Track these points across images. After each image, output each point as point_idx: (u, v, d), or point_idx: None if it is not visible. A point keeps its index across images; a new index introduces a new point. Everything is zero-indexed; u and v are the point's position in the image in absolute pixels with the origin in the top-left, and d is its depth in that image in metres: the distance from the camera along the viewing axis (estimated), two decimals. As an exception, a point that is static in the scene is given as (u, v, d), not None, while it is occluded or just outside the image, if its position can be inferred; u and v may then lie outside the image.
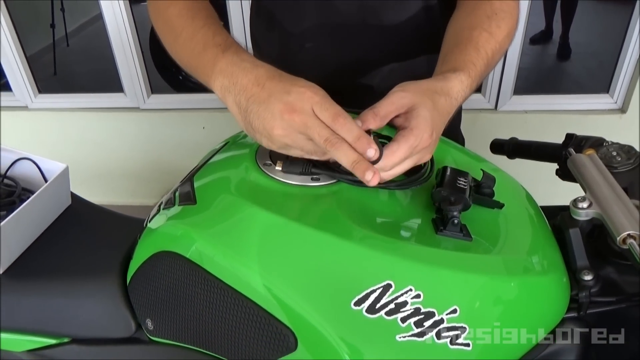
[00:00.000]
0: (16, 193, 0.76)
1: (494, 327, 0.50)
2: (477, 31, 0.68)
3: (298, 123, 0.52)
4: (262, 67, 0.57)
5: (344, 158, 0.51)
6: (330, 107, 0.52)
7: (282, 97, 0.52)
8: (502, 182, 0.62)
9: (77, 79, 3.35)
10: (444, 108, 0.59)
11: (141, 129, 2.26)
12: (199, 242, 0.56)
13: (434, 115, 0.56)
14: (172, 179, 2.36)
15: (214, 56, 0.60)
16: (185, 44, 0.66)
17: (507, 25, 0.70)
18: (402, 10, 0.82)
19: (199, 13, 0.68)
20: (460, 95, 0.61)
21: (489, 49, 0.67)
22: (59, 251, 0.74)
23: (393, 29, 0.84)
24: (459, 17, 0.74)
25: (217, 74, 0.59)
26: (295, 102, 0.52)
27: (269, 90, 0.54)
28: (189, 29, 0.66)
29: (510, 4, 0.72)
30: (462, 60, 0.64)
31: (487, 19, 0.69)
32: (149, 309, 0.65)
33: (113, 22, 2.02)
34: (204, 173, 0.66)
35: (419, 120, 0.54)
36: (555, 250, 0.59)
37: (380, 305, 0.48)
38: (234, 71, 0.57)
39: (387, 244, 0.51)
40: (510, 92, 2.02)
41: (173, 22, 0.69)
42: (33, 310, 0.70)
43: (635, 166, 0.64)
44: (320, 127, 0.51)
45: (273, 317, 0.51)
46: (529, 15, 1.86)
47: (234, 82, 0.57)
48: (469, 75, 0.63)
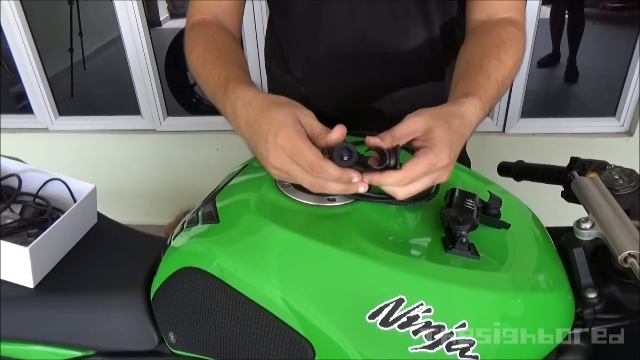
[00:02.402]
0: (47, 212, 0.80)
1: (501, 341, 0.53)
2: (486, 59, 0.71)
3: (282, 169, 0.57)
4: (251, 106, 0.61)
5: (335, 191, 0.57)
6: (303, 155, 0.55)
7: (263, 145, 0.58)
8: (508, 203, 0.65)
9: (93, 101, 3.44)
10: (460, 130, 0.61)
11: (157, 150, 2.32)
12: (222, 258, 0.60)
13: (450, 136, 0.59)
14: (186, 199, 2.41)
15: (221, 100, 0.67)
16: (205, 87, 0.73)
17: (514, 53, 0.74)
18: (406, 43, 0.87)
19: (210, 55, 0.75)
20: (474, 117, 0.64)
21: (499, 75, 0.70)
22: (86, 267, 0.78)
23: (397, 59, 0.88)
24: (469, 46, 0.78)
25: (227, 116, 0.66)
26: (273, 154, 0.57)
27: (256, 134, 0.59)
28: (204, 74, 0.73)
29: (517, 34, 0.76)
30: (473, 86, 0.67)
31: (495, 48, 0.73)
32: (171, 322, 0.68)
33: (132, 46, 2.09)
34: (225, 194, 0.70)
35: (437, 140, 0.57)
36: (561, 269, 0.61)
37: (393, 319, 0.51)
38: (232, 113, 0.64)
39: (399, 261, 0.54)
40: (517, 115, 2.05)
41: (194, 67, 0.76)
42: (61, 323, 0.73)
43: (636, 189, 0.66)
44: (303, 173, 0.56)
45: (292, 329, 0.54)
46: (536, 39, 1.90)
47: (238, 126, 0.63)
48: (480, 99, 0.65)
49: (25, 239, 0.78)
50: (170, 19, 5.51)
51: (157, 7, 5.20)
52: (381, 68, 0.89)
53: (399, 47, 0.87)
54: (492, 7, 0.79)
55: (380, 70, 0.90)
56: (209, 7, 0.84)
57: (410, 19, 0.85)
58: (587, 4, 3.43)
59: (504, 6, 0.78)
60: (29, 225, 0.79)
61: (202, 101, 2.84)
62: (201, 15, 0.84)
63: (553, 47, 3.16)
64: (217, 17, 0.84)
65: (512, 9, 0.79)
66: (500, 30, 0.76)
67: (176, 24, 5.17)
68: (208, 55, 0.74)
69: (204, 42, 0.78)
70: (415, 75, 0.91)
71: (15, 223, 0.78)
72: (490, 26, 0.78)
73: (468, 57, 0.75)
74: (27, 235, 0.78)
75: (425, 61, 0.89)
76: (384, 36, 0.86)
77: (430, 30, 0.86)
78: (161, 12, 5.34)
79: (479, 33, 0.78)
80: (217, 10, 0.84)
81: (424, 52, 0.88)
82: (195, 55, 0.76)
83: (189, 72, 2.81)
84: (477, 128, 0.66)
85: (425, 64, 0.90)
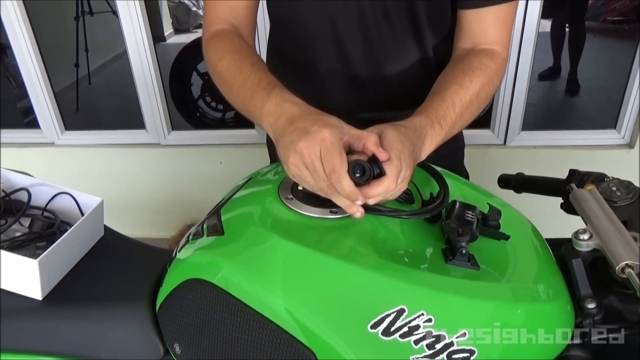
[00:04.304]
0: (55, 225, 0.82)
1: (501, 350, 0.54)
2: (449, 84, 0.77)
3: (307, 160, 0.59)
4: (298, 107, 0.66)
5: (339, 203, 0.61)
6: (331, 158, 0.58)
7: (302, 134, 0.60)
8: (508, 215, 0.67)
9: (98, 115, 3.48)
10: (407, 134, 0.66)
11: (161, 164, 2.34)
12: (226, 270, 0.61)
13: (399, 135, 0.64)
14: (190, 212, 2.42)
15: (261, 100, 0.70)
16: (238, 93, 0.76)
17: (480, 81, 0.78)
18: (402, 60, 0.90)
19: (244, 62, 0.78)
20: (424, 130, 0.70)
21: (456, 99, 0.75)
22: (93, 279, 0.80)
23: (393, 69, 0.91)
24: (442, 74, 0.83)
25: (265, 115, 0.68)
26: (309, 142, 0.59)
27: (295, 127, 0.62)
28: (239, 79, 0.76)
29: (489, 66, 0.81)
30: (423, 107, 0.74)
31: (462, 74, 0.78)
32: (177, 333, 0.69)
33: (137, 61, 2.12)
34: (230, 206, 0.71)
35: (391, 138, 0.63)
36: (560, 279, 0.62)
37: (394, 329, 0.52)
38: (277, 111, 0.67)
39: (400, 272, 0.55)
40: (518, 127, 2.07)
41: (225, 75, 0.79)
42: (68, 334, 0.74)
43: (634, 200, 0.67)
44: (321, 175, 0.59)
45: (295, 339, 0.55)
46: (536, 52, 1.93)
47: (276, 120, 0.66)
48: (427, 116, 0.72)
49: (34, 252, 0.79)
50: (175, 34, 5.59)
51: (162, 23, 5.27)
52: (375, 87, 0.93)
53: (397, 66, 0.90)
54: (475, 37, 0.84)
55: (380, 86, 0.93)
56: (225, 17, 0.87)
57: (405, 38, 0.88)
58: (587, 17, 3.47)
59: (488, 38, 0.83)
60: (38, 238, 0.80)
61: (205, 115, 2.88)
62: (219, 26, 0.87)
63: (554, 60, 3.19)
64: (235, 27, 0.87)
65: (496, 42, 0.83)
66: (473, 60, 0.80)
67: (180, 39, 5.25)
68: (242, 63, 0.78)
69: (234, 51, 0.81)
70: (408, 94, 0.93)
71: (24, 236, 0.80)
72: (467, 55, 0.82)
73: (436, 83, 0.81)
74: (35, 248, 0.80)
75: (417, 81, 0.92)
76: (383, 56, 0.89)
77: (423, 51, 0.90)
78: (165, 28, 5.42)
79: (456, 60, 0.83)
80: (234, 20, 0.87)
81: (417, 73, 0.92)
82: (227, 63, 0.79)
83: (193, 87, 2.84)
84: (479, 141, 0.69)
85: (418, 83, 0.92)
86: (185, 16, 5.72)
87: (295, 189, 0.68)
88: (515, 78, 1.96)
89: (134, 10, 2.00)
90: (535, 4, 1.82)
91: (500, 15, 0.82)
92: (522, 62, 1.93)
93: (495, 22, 0.82)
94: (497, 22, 0.82)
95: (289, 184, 0.69)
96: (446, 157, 0.83)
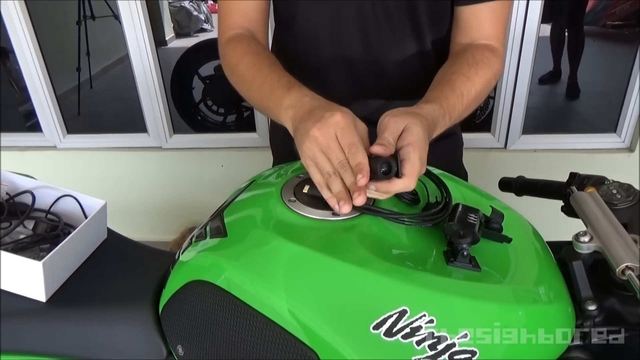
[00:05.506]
0: (59, 227, 0.82)
1: (502, 351, 0.54)
2: (455, 75, 0.78)
3: (322, 143, 0.62)
4: (317, 101, 0.69)
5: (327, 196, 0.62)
6: (348, 135, 0.61)
7: (317, 119, 0.63)
8: (510, 218, 0.67)
9: (100, 119, 3.49)
10: (427, 130, 0.67)
11: (163, 167, 2.35)
12: (229, 271, 0.62)
13: (424, 135, 0.65)
14: (192, 215, 2.42)
15: (281, 96, 0.73)
16: (257, 90, 0.79)
17: (484, 74, 0.80)
18: (400, 51, 0.92)
19: (263, 63, 0.81)
20: (437, 120, 0.71)
21: (464, 89, 0.77)
22: (96, 281, 0.80)
23: (393, 67, 0.93)
24: (445, 65, 0.84)
25: (285, 109, 0.71)
26: (323, 125, 0.62)
27: (312, 114, 0.64)
28: (258, 78, 0.79)
29: (491, 59, 0.83)
30: (436, 96, 0.75)
31: (467, 67, 0.80)
32: (180, 335, 0.70)
33: (139, 65, 2.13)
34: (233, 209, 0.72)
35: (416, 137, 0.63)
36: (561, 281, 0.63)
37: (397, 329, 0.53)
38: (297, 104, 0.69)
39: (402, 273, 0.56)
40: (519, 131, 2.08)
41: (244, 75, 0.82)
42: (72, 336, 0.74)
43: (634, 203, 0.68)
44: (338, 150, 0.61)
45: (298, 340, 0.56)
46: (537, 57, 1.94)
47: (296, 112, 0.68)
48: (440, 106, 0.72)
49: (37, 254, 0.80)
50: (176, 38, 5.62)
51: (163, 27, 5.30)
52: (376, 81, 0.94)
53: (395, 57, 0.92)
54: (473, 33, 0.86)
55: (378, 76, 0.94)
56: (240, 22, 0.89)
57: (404, 36, 0.90)
58: (587, 22, 3.48)
59: (485, 34, 0.85)
60: (42, 240, 0.81)
61: (207, 119, 2.89)
62: (235, 31, 0.89)
63: (554, 64, 3.20)
64: (249, 30, 0.89)
65: (492, 37, 0.86)
66: (476, 53, 0.82)
67: (181, 44, 5.27)
68: (261, 64, 0.81)
69: (252, 54, 0.84)
70: (406, 85, 0.95)
71: (28, 238, 0.80)
72: (468, 49, 0.84)
73: (441, 74, 0.82)
74: (39, 250, 0.80)
75: (416, 72, 0.93)
76: (383, 52, 0.91)
77: (422, 47, 0.91)
78: (167, 32, 5.44)
79: (457, 54, 0.85)
80: (248, 24, 0.89)
81: (415, 65, 0.93)
82: (246, 64, 0.82)
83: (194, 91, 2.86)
84: (480, 144, 0.70)
85: (416, 74, 0.94)
86: (186, 20, 5.75)
87: (298, 191, 0.68)
88: (516, 82, 1.97)
89: (136, 14, 2.02)
90: (535, 9, 1.83)
91: (496, 10, 0.84)
92: (523, 66, 1.94)
93: (491, 17, 0.85)
94: (493, 18, 0.85)
95: (291, 186, 0.70)
96: (445, 155, 0.85)
